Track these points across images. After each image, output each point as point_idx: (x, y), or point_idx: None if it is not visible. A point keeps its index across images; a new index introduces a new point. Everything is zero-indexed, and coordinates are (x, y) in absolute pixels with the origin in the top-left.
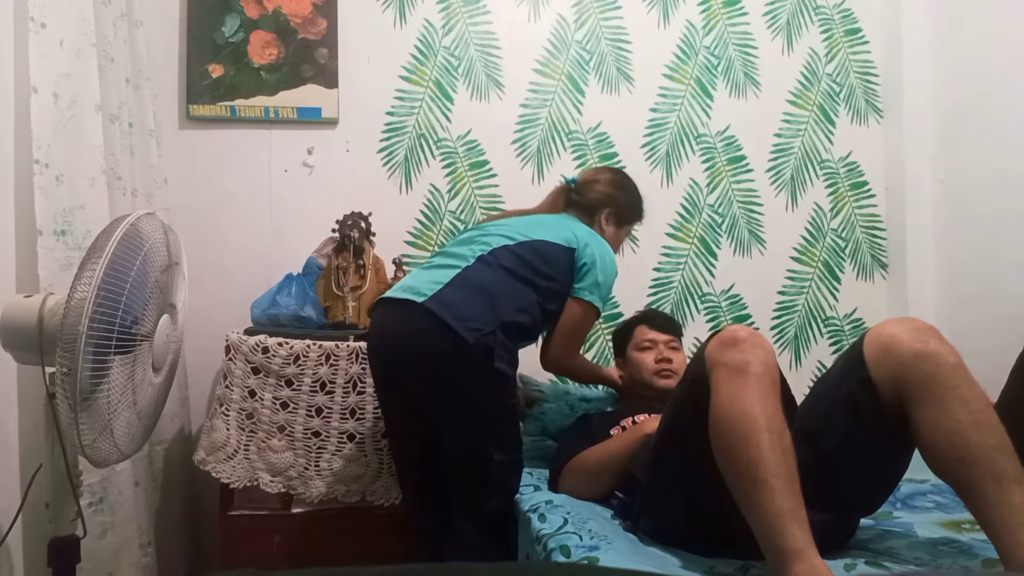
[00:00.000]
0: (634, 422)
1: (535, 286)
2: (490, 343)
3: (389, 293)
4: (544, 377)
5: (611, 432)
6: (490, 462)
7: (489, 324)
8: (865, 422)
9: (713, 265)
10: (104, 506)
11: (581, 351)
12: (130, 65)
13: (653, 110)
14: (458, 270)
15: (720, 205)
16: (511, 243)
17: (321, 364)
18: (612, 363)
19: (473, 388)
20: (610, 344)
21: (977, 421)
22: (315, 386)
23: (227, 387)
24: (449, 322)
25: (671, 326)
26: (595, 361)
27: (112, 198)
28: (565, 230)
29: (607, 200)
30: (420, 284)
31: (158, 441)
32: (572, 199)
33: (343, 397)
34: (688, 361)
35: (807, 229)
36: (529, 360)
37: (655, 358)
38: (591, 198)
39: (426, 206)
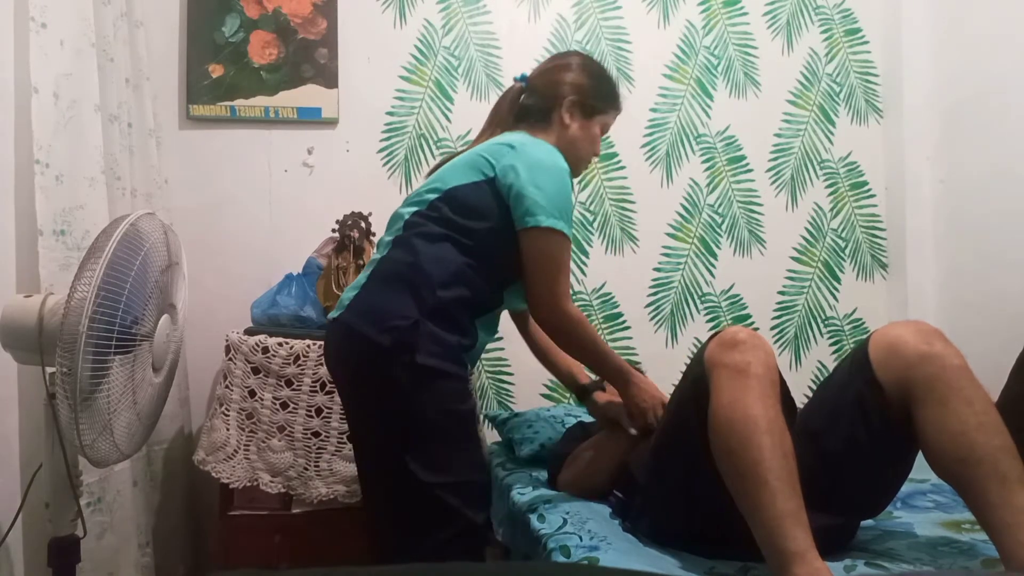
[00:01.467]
0: None
1: (459, 244)
2: (410, 338)
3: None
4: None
5: None
6: (428, 487)
7: (408, 316)
8: (872, 423)
9: (713, 265)
10: (102, 506)
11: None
12: (130, 65)
13: (653, 110)
14: (375, 264)
15: (720, 205)
16: (423, 207)
17: (321, 364)
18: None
19: (403, 396)
20: (611, 344)
21: (981, 422)
22: (315, 386)
23: (227, 387)
24: (362, 330)
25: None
26: None
27: (111, 198)
28: (479, 159)
29: (563, 89)
30: (345, 294)
31: (157, 441)
32: (525, 105)
33: None
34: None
35: (807, 229)
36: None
37: None
38: (544, 93)
39: None
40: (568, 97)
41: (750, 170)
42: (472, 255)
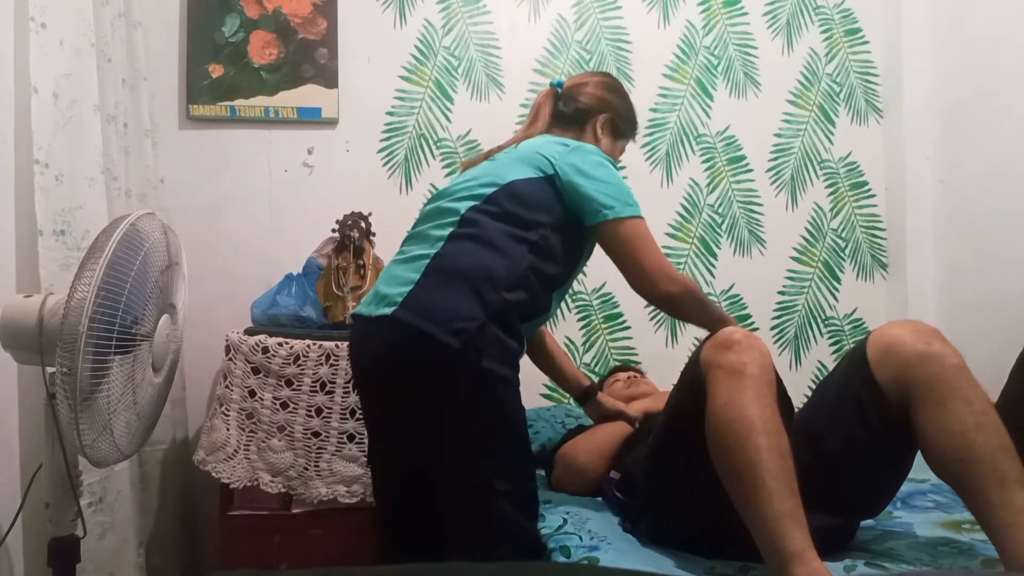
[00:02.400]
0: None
1: (526, 242)
2: (477, 341)
3: (360, 308)
4: None
5: None
6: (493, 496)
7: (475, 318)
8: (870, 423)
9: (713, 265)
10: (103, 506)
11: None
12: (127, 65)
13: (653, 110)
14: (428, 259)
15: (720, 205)
16: (480, 202)
17: (321, 364)
18: (609, 370)
19: (467, 401)
20: (611, 344)
21: (980, 422)
22: (315, 386)
23: (227, 387)
24: (428, 330)
25: (630, 367)
26: (595, 365)
27: (109, 199)
28: (537, 156)
29: (602, 105)
30: (390, 289)
31: (151, 442)
32: (559, 110)
33: (343, 397)
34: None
35: (807, 229)
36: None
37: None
38: (582, 103)
39: None
40: (604, 113)
41: (750, 170)
42: (537, 252)
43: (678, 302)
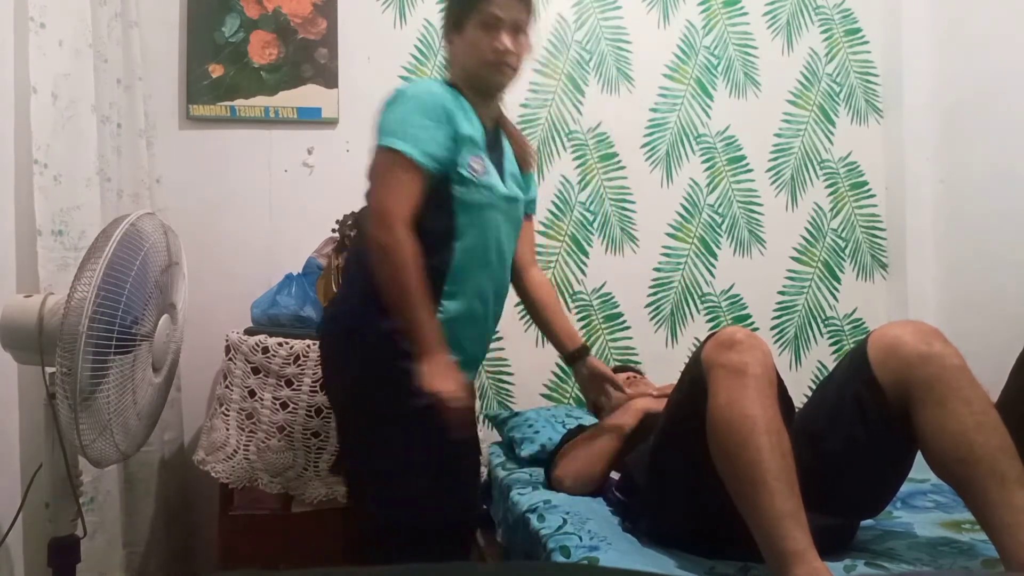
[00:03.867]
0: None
1: None
2: (352, 323)
3: None
4: None
5: None
6: (348, 469)
7: (351, 305)
8: (871, 423)
9: (713, 265)
10: (94, 506)
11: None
12: (122, 65)
13: (653, 110)
14: None
15: (720, 205)
16: None
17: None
18: (611, 365)
19: (337, 378)
20: (611, 344)
21: (980, 422)
22: (315, 386)
23: (227, 387)
24: (324, 325)
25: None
26: None
27: (104, 199)
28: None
29: (442, 23)
30: None
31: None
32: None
33: None
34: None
35: (807, 229)
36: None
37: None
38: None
39: None
40: (444, 29)
41: (750, 170)
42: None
43: (379, 256)
